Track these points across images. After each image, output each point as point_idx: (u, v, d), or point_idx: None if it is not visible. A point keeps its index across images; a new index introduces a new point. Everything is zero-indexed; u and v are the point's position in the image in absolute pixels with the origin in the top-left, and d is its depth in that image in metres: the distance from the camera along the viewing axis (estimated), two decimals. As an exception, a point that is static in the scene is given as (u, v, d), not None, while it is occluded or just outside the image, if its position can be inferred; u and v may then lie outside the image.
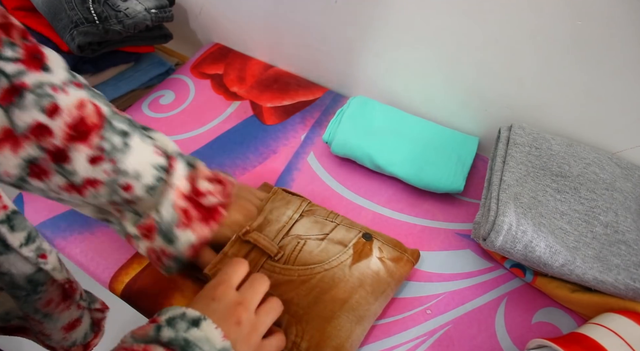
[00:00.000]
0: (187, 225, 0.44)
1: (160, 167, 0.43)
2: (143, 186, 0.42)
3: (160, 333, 0.34)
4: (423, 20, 0.57)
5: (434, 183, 0.58)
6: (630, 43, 0.46)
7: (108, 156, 0.40)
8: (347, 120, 0.63)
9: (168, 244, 0.44)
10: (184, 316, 0.35)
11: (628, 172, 0.54)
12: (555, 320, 0.50)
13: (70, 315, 0.38)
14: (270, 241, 0.49)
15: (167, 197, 0.43)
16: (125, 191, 0.41)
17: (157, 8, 0.71)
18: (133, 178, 0.41)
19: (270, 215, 0.51)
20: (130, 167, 0.41)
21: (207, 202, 0.46)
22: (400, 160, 0.60)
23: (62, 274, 0.36)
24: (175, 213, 0.43)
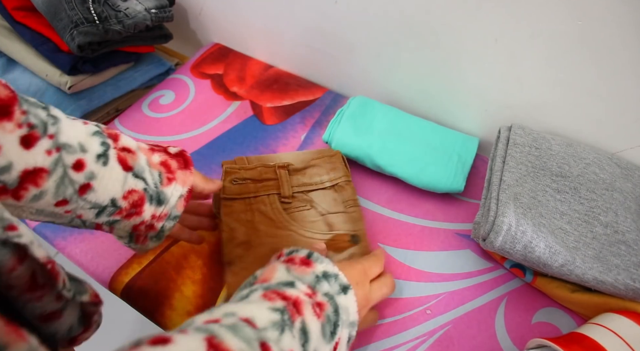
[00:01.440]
0: (172, 178, 0.41)
1: (98, 133, 0.38)
2: (93, 157, 0.36)
3: (318, 283, 0.35)
4: (423, 20, 0.57)
5: (434, 183, 0.58)
6: (630, 43, 0.46)
7: (42, 131, 0.33)
8: (347, 120, 0.63)
9: (159, 206, 0.40)
10: (337, 278, 0.37)
11: (628, 172, 0.54)
12: (555, 320, 0.50)
13: (43, 306, 0.31)
14: (290, 186, 0.55)
15: (138, 159, 0.39)
16: (77, 170, 0.35)
17: (157, 8, 0.71)
18: (80, 152, 0.35)
19: (311, 168, 0.56)
20: (72, 140, 0.35)
21: (173, 151, 0.43)
22: (400, 161, 0.60)
23: (41, 250, 0.29)
24: (156, 170, 0.40)
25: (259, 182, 0.55)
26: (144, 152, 0.40)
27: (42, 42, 0.69)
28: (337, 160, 0.58)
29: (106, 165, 0.36)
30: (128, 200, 0.38)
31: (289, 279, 0.35)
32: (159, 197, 0.40)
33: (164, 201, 0.41)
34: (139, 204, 0.39)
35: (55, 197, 0.34)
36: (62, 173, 0.34)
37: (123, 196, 0.38)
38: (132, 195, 0.38)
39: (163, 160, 0.41)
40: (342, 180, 0.56)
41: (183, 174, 0.42)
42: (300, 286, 0.34)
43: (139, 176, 0.39)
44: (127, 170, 0.38)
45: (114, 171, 0.37)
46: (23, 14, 0.70)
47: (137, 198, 0.38)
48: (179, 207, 0.42)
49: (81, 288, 0.35)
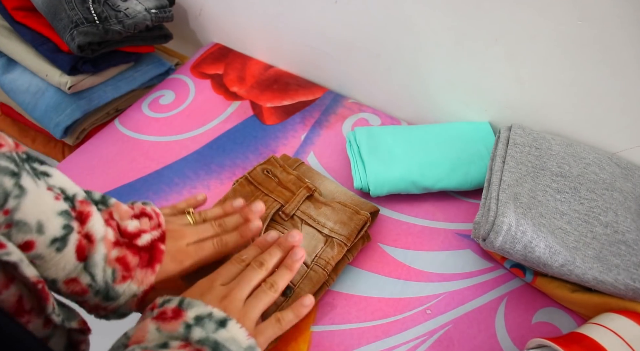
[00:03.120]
0: (127, 277, 0.37)
1: (65, 213, 0.34)
2: (47, 240, 0.32)
3: (190, 332, 0.33)
4: (423, 20, 0.57)
5: (480, 180, 0.58)
6: (630, 43, 0.46)
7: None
8: (369, 158, 0.59)
9: (106, 301, 0.37)
10: (211, 316, 0.34)
11: (628, 172, 0.54)
12: (555, 320, 0.50)
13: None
14: (297, 207, 0.54)
15: (95, 252, 0.35)
16: (23, 250, 0.31)
17: (157, 8, 0.71)
18: (35, 233, 0.31)
19: (327, 208, 0.54)
20: (30, 217, 0.31)
21: (142, 242, 0.39)
22: (443, 174, 0.58)
23: (32, 269, 0.28)
24: (111, 268, 0.36)
25: (281, 186, 0.55)
26: (105, 245, 0.36)
27: (42, 42, 0.69)
28: (356, 221, 0.52)
29: (60, 252, 0.33)
30: (69, 287, 0.35)
31: (160, 340, 0.32)
32: (107, 293, 0.36)
33: (114, 298, 0.37)
34: (81, 294, 0.36)
35: None
36: None
37: (64, 282, 0.35)
38: (74, 285, 0.35)
39: (121, 256, 0.37)
40: (338, 238, 0.51)
41: (142, 273, 0.38)
42: (173, 344, 0.32)
43: (87, 270, 0.35)
44: (81, 260, 0.35)
45: (65, 258, 0.34)
46: (23, 14, 0.70)
47: (79, 289, 0.35)
48: (130, 305, 0.39)
49: (70, 314, 0.34)
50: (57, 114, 0.69)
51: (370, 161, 0.59)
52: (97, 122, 0.75)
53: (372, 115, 0.72)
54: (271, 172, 0.57)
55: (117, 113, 0.76)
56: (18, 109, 0.78)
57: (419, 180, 0.58)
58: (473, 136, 0.63)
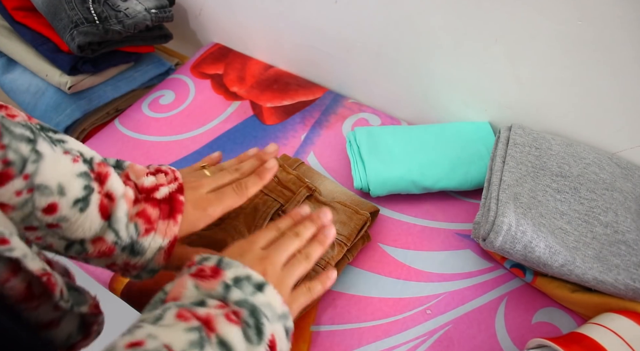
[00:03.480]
0: (150, 229, 0.37)
1: (85, 174, 0.35)
2: (70, 202, 0.33)
3: (229, 292, 0.33)
4: (423, 20, 0.57)
5: (479, 180, 0.58)
6: (630, 43, 0.46)
7: (18, 170, 0.31)
8: (369, 158, 0.59)
9: (134, 256, 0.37)
10: (250, 278, 0.34)
11: (628, 172, 0.54)
12: (555, 320, 0.50)
13: (38, 315, 0.30)
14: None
15: (117, 209, 0.36)
16: (47, 214, 0.32)
17: (157, 8, 0.71)
18: (57, 194, 0.32)
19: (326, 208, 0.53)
20: (51, 180, 0.32)
21: (161, 195, 0.39)
22: (442, 174, 0.58)
23: (36, 262, 0.28)
24: (133, 223, 0.37)
25: (281, 185, 0.54)
26: (126, 201, 0.37)
27: (42, 42, 0.69)
28: (356, 221, 0.52)
29: (83, 212, 0.34)
30: (96, 247, 0.36)
31: (198, 297, 0.33)
32: (133, 247, 0.37)
33: (140, 252, 0.37)
34: (108, 253, 0.36)
35: (22, 223, 0.33)
36: (29, 211, 0.32)
37: (92, 241, 0.35)
38: (100, 244, 0.36)
39: (141, 210, 0.38)
40: (338, 238, 0.51)
41: (165, 224, 0.38)
42: (210, 302, 0.32)
43: (112, 227, 0.36)
44: (105, 218, 0.35)
45: (89, 218, 0.34)
46: (23, 14, 0.70)
47: (106, 248, 0.36)
48: (157, 260, 0.39)
49: (81, 299, 0.34)
50: (57, 114, 0.69)
51: (370, 161, 0.59)
52: (97, 122, 0.75)
53: (372, 115, 0.72)
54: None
55: (117, 113, 0.76)
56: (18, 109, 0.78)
57: (419, 180, 0.58)
58: (473, 136, 0.63)
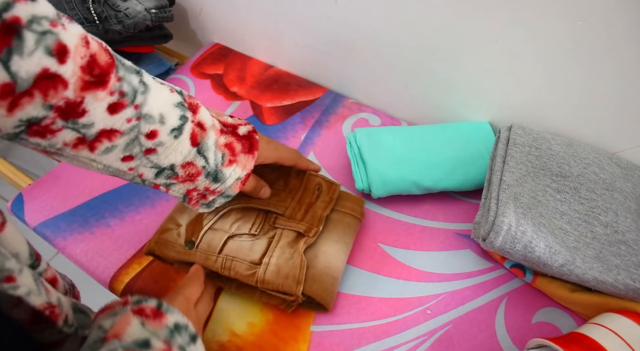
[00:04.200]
0: (233, 161, 0.42)
1: (181, 105, 0.38)
2: (168, 129, 0.37)
3: (173, 338, 0.34)
4: (423, 20, 0.57)
5: (480, 179, 0.58)
6: (630, 43, 0.46)
7: (130, 100, 0.34)
8: (370, 159, 0.59)
9: (215, 183, 0.42)
10: (187, 328, 0.35)
11: (628, 172, 0.54)
12: (555, 320, 0.50)
13: (43, 338, 0.32)
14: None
15: (207, 138, 0.40)
16: (149, 139, 0.36)
17: (157, 8, 0.71)
18: (159, 123, 0.36)
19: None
20: (155, 110, 0.36)
21: (242, 132, 0.44)
22: (443, 174, 0.58)
23: (41, 297, 0.29)
24: (220, 152, 0.41)
25: (307, 209, 0.52)
26: (214, 131, 0.41)
27: (42, 42, 0.69)
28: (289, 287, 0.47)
29: (177, 138, 0.38)
30: (185, 170, 0.40)
31: (143, 335, 0.32)
32: (216, 175, 0.41)
33: (221, 180, 0.42)
34: (195, 176, 0.40)
35: (123, 152, 0.36)
36: (134, 136, 0.35)
37: (182, 165, 0.39)
38: (190, 167, 0.40)
39: (229, 143, 0.42)
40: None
41: (245, 158, 0.43)
42: (156, 344, 0.32)
43: (201, 153, 0.40)
44: (195, 145, 0.39)
45: (181, 144, 0.38)
46: (23, 14, 0.70)
47: (194, 172, 0.40)
48: (234, 188, 0.44)
49: (85, 321, 0.35)
50: (57, 114, 0.69)
51: (371, 162, 0.59)
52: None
53: (372, 115, 0.72)
54: (319, 194, 0.54)
55: (117, 113, 0.76)
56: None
57: (420, 181, 0.58)
58: (473, 136, 0.63)
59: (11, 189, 0.40)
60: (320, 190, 0.54)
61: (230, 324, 0.49)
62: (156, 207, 0.59)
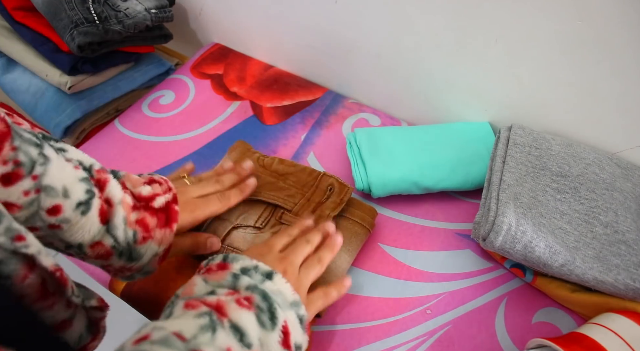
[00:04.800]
0: (147, 237, 0.39)
1: (86, 180, 0.36)
2: (73, 204, 0.34)
3: (238, 281, 0.35)
4: (423, 20, 0.57)
5: (480, 179, 0.58)
6: (630, 43, 0.46)
7: (27, 171, 0.32)
8: (370, 159, 0.59)
9: (130, 262, 0.39)
10: (257, 268, 0.36)
11: (628, 172, 0.54)
12: (555, 320, 0.50)
13: (54, 315, 0.31)
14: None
15: (115, 216, 0.37)
16: (51, 215, 0.33)
17: (157, 8, 0.71)
18: (62, 197, 0.34)
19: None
20: (57, 182, 0.33)
21: (158, 204, 0.41)
22: (443, 174, 0.58)
23: (49, 259, 0.29)
24: (132, 230, 0.38)
25: (317, 208, 0.52)
26: (124, 208, 0.38)
27: (42, 42, 0.69)
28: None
29: (85, 215, 0.35)
30: (94, 251, 0.37)
31: (207, 289, 0.34)
32: (130, 253, 0.39)
33: (136, 258, 0.39)
34: (106, 256, 0.38)
35: (25, 224, 0.33)
36: (34, 211, 0.33)
37: (90, 246, 0.37)
38: (99, 248, 0.37)
39: (140, 219, 0.39)
40: None
41: (161, 233, 0.40)
42: (220, 291, 0.33)
43: (110, 232, 0.37)
44: (104, 223, 0.37)
45: (89, 221, 0.36)
46: (23, 14, 0.70)
47: (104, 252, 0.37)
48: (152, 264, 0.41)
49: (88, 294, 0.35)
50: (57, 114, 0.69)
51: (371, 162, 0.59)
52: (97, 122, 0.75)
53: (372, 115, 0.72)
54: (330, 194, 0.54)
55: (117, 114, 0.76)
56: (18, 109, 0.78)
57: (420, 181, 0.58)
58: (473, 136, 0.63)
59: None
60: (332, 191, 0.54)
61: (230, 324, 0.49)
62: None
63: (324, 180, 0.55)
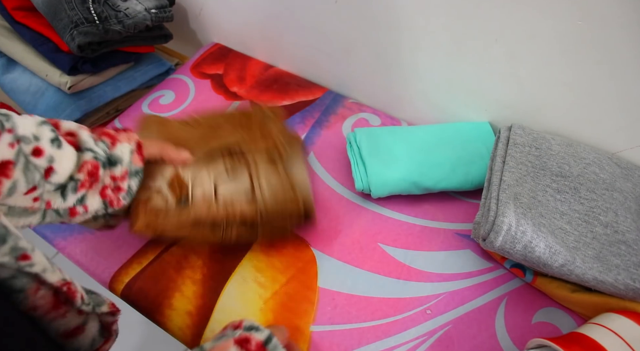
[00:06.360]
0: (115, 140, 0.44)
1: (44, 123, 0.40)
2: (47, 142, 0.39)
3: None
4: (423, 20, 0.57)
5: (480, 179, 0.58)
6: (630, 43, 0.46)
7: (0, 127, 0.36)
8: (370, 160, 0.59)
9: (114, 167, 0.44)
10: None
11: (628, 172, 0.54)
12: (555, 320, 0.50)
13: (67, 322, 0.33)
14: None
15: (81, 138, 0.42)
16: (37, 156, 0.37)
17: (157, 8, 0.71)
18: (35, 141, 0.38)
19: None
20: (27, 131, 0.38)
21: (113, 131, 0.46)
22: (443, 174, 0.58)
23: (56, 274, 0.31)
24: (100, 141, 0.43)
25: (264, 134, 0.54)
26: (85, 131, 0.43)
27: (42, 42, 0.69)
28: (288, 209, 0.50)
29: (60, 148, 0.39)
30: (83, 172, 0.41)
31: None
32: (109, 160, 0.43)
33: (118, 161, 0.44)
34: (94, 172, 0.42)
35: (26, 184, 0.36)
36: (24, 161, 0.36)
37: (78, 170, 0.41)
38: (85, 166, 0.41)
39: (102, 132, 0.45)
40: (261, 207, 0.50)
41: (125, 135, 0.46)
42: None
43: (86, 150, 0.42)
44: (77, 148, 0.41)
45: (66, 151, 0.40)
46: (23, 14, 0.70)
47: (91, 167, 0.41)
48: (134, 161, 0.45)
49: (99, 300, 0.37)
50: (57, 114, 0.69)
51: (371, 162, 0.59)
52: (97, 122, 0.75)
53: (372, 115, 0.72)
54: (270, 118, 0.56)
55: (117, 113, 0.76)
56: (18, 109, 0.78)
57: (420, 181, 0.58)
58: (473, 136, 0.63)
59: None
60: (264, 113, 0.57)
61: (230, 324, 0.49)
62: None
63: (254, 108, 0.56)
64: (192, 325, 0.50)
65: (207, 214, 0.47)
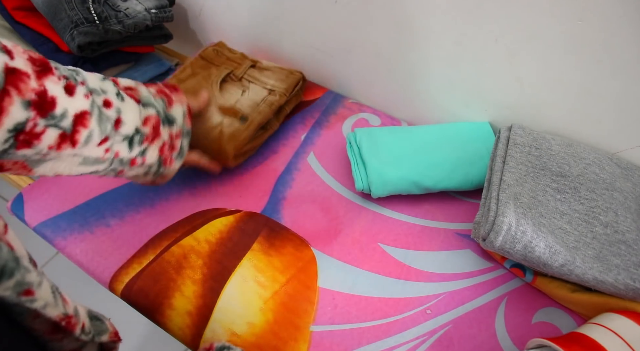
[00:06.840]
0: (171, 100, 0.49)
1: (105, 78, 0.44)
2: (113, 95, 0.42)
3: None
4: (423, 20, 0.57)
5: (480, 179, 0.58)
6: (630, 43, 0.46)
7: (74, 80, 0.39)
8: (370, 160, 0.59)
9: (171, 126, 0.48)
10: None
11: (628, 172, 0.54)
12: (555, 320, 0.50)
13: (62, 346, 0.32)
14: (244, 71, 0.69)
15: (141, 93, 0.46)
16: (108, 107, 0.41)
17: (157, 8, 0.71)
18: (103, 93, 0.41)
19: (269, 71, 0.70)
20: (96, 84, 0.41)
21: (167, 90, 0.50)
22: (443, 174, 0.58)
23: (57, 309, 0.30)
24: (159, 98, 0.48)
25: (229, 60, 0.69)
26: (142, 87, 0.47)
27: (42, 42, 0.69)
28: (291, 79, 0.69)
29: (124, 101, 0.43)
30: (148, 126, 0.45)
31: None
32: (167, 118, 0.47)
33: (174, 120, 0.48)
34: (157, 126, 0.46)
35: (100, 134, 0.40)
36: (98, 112, 0.40)
37: (143, 123, 0.44)
38: (149, 121, 0.45)
39: (159, 89, 0.49)
40: (279, 90, 0.66)
41: (177, 97, 0.50)
42: None
43: (148, 104, 0.45)
44: (138, 102, 0.45)
45: (130, 104, 0.43)
46: (23, 14, 0.70)
47: (155, 122, 0.46)
48: (187, 122, 0.51)
49: (102, 328, 0.36)
50: (57, 114, 0.69)
51: (371, 162, 0.59)
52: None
53: (372, 115, 0.72)
54: (220, 51, 0.70)
55: (117, 113, 0.76)
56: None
57: (420, 181, 0.58)
58: (473, 136, 0.63)
59: (11, 189, 0.41)
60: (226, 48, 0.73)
61: (230, 324, 0.49)
62: (156, 206, 0.60)
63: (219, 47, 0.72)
64: (192, 325, 0.50)
65: (262, 120, 0.62)
